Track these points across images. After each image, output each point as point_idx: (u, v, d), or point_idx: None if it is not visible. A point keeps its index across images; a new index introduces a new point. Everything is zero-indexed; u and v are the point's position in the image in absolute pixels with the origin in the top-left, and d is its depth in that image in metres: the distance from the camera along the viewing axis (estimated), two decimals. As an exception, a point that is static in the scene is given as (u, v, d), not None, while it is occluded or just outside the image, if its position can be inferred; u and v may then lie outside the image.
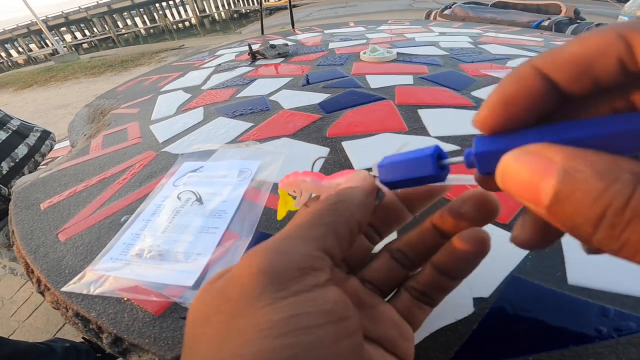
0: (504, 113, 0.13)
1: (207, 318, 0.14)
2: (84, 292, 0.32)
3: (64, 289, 0.33)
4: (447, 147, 0.46)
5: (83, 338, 1.10)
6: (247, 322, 0.13)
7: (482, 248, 0.17)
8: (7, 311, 1.46)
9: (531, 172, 0.11)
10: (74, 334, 1.28)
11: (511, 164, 0.12)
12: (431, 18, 2.43)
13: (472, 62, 0.77)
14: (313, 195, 0.23)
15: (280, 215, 0.25)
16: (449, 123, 0.51)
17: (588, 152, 0.10)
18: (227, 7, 18.50)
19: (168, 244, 0.35)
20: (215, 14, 18.82)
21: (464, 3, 2.40)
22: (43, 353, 0.93)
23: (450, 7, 2.39)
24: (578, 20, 1.83)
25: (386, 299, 0.21)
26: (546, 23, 1.78)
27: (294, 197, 0.24)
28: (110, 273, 0.33)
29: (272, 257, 0.14)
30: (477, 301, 0.26)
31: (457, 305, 0.26)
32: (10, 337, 0.95)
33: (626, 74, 0.11)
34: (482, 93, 0.60)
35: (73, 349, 1.01)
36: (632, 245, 0.09)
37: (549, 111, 0.13)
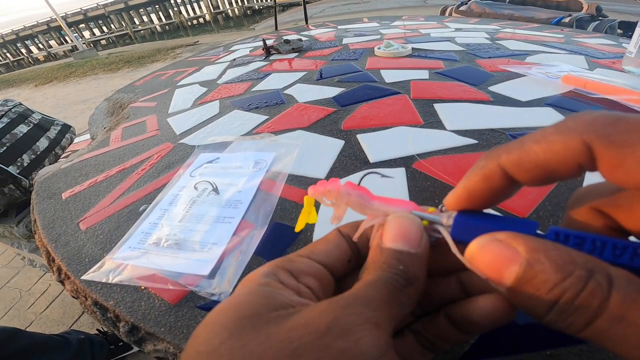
0: (468, 205, 0.16)
1: None
2: (103, 281, 0.32)
3: (83, 277, 0.33)
4: (464, 140, 0.45)
5: (97, 330, 1.13)
6: None
7: (507, 316, 0.16)
8: (25, 303, 1.50)
9: (497, 258, 0.13)
10: (89, 326, 1.31)
11: (481, 248, 0.14)
12: (446, 14, 2.40)
13: (490, 57, 0.76)
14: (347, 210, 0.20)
15: (299, 227, 0.22)
16: (466, 117, 0.51)
17: (548, 245, 0.12)
18: (240, 4, 18.57)
19: (184, 233, 0.35)
20: (229, 11, 18.92)
21: (481, -1, 2.36)
22: (58, 345, 0.95)
23: (466, 3, 2.34)
24: (600, 18, 1.78)
25: None
26: (567, 20, 1.73)
27: (317, 207, 0.21)
28: (128, 261, 0.34)
29: (369, 330, 0.13)
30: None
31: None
32: (27, 329, 0.98)
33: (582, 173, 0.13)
34: (500, 88, 0.59)
35: (87, 340, 1.03)
36: (576, 326, 0.12)
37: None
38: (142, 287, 0.31)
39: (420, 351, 0.18)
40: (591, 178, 0.35)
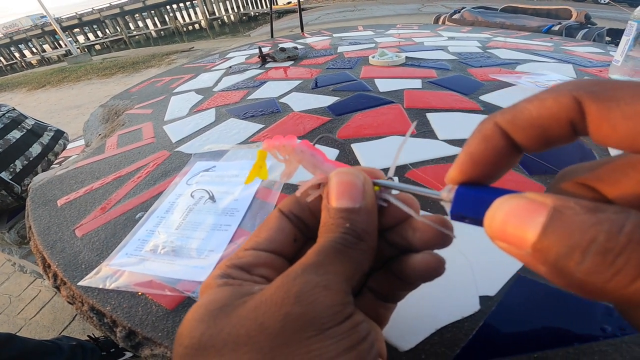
0: (473, 171, 0.14)
1: (236, 346, 0.14)
2: (100, 287, 0.33)
3: (80, 283, 0.34)
4: (455, 150, 0.46)
5: (89, 336, 1.12)
6: (295, 351, 0.14)
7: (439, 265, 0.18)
8: (15, 308, 1.48)
9: (522, 212, 0.11)
10: (79, 332, 1.29)
11: (504, 206, 0.12)
12: (440, 23, 2.43)
13: (481, 66, 0.77)
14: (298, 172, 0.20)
15: (249, 180, 0.23)
16: (457, 127, 0.52)
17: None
18: (236, 10, 18.66)
19: (181, 241, 0.36)
20: (225, 17, 18.99)
21: (473, 8, 2.40)
22: (51, 351, 0.94)
23: (459, 12, 2.38)
24: (589, 25, 1.82)
25: None
26: (557, 28, 1.77)
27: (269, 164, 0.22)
28: (125, 268, 0.34)
29: (319, 293, 0.15)
30: (484, 299, 0.27)
31: (463, 302, 0.27)
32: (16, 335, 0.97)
33: (576, 135, 0.12)
34: (491, 97, 0.61)
35: (79, 347, 1.02)
36: (628, 272, 0.09)
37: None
38: (139, 293, 0.32)
39: (382, 305, 0.20)
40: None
